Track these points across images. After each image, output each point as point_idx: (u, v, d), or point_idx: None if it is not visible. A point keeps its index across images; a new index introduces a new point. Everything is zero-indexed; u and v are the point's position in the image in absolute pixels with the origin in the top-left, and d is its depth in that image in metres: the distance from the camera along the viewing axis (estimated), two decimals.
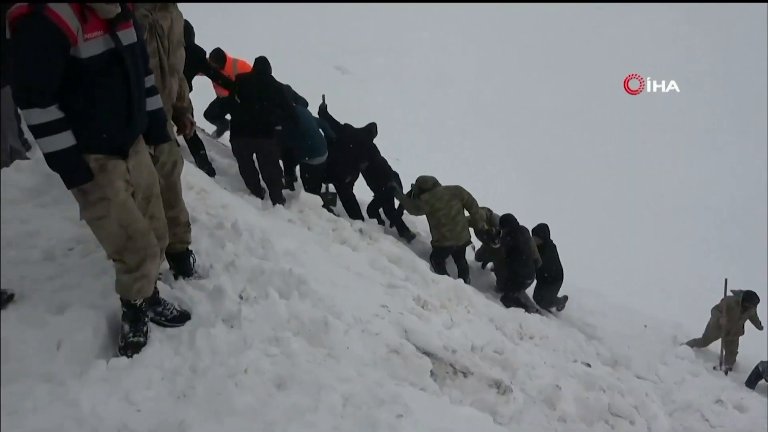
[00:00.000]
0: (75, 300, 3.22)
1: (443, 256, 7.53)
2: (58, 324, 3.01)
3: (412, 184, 7.74)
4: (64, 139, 2.48)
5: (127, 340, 2.93)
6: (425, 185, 7.53)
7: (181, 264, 3.67)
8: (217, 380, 2.80)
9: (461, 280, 6.50)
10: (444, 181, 7.67)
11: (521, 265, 7.65)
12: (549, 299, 8.25)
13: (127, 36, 2.58)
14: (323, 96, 7.71)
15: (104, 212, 2.68)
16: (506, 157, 19.05)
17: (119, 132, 2.66)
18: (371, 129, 7.75)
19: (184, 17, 3.42)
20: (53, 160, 2.50)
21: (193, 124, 3.73)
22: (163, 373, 2.82)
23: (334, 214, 6.96)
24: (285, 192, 6.72)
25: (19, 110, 2.43)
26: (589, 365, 5.66)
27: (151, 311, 3.09)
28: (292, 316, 3.42)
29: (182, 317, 3.22)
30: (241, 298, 3.48)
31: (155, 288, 3.11)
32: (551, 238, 8.31)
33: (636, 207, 16.82)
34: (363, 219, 7.50)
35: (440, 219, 7.32)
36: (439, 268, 7.29)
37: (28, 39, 2.33)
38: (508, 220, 7.91)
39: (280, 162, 6.95)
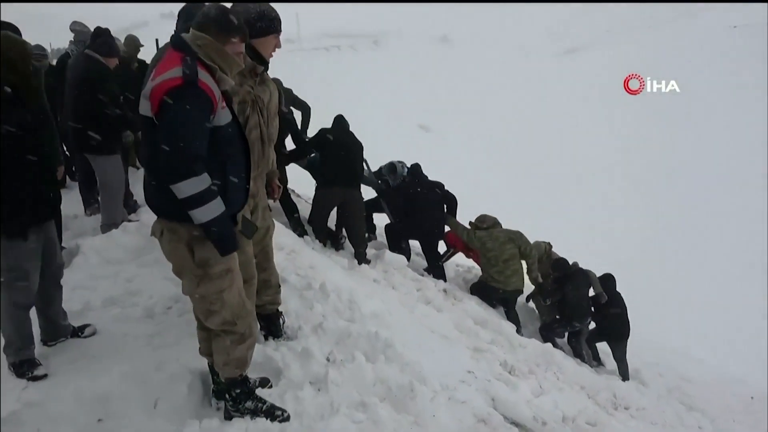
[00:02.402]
0: (172, 358, 3.36)
1: (488, 294, 7.39)
2: (157, 382, 3.15)
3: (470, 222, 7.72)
4: (220, 206, 2.47)
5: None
6: (482, 224, 7.52)
7: (272, 325, 3.76)
8: None
9: (550, 345, 6.27)
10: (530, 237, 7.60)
11: (568, 308, 7.46)
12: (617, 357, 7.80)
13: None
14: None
15: (228, 283, 2.68)
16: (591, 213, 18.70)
17: (239, 203, 2.73)
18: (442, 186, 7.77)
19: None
20: (211, 228, 2.47)
21: (280, 188, 3.80)
22: None
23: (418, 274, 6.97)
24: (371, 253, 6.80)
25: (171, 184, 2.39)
26: None
27: None
28: (378, 381, 3.40)
29: (263, 383, 3.26)
30: (328, 360, 3.51)
31: None
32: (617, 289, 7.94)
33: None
34: (446, 279, 7.45)
35: (490, 260, 7.24)
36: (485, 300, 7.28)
37: (186, 109, 2.38)
38: (559, 267, 7.68)
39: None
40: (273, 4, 3.20)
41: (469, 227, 7.63)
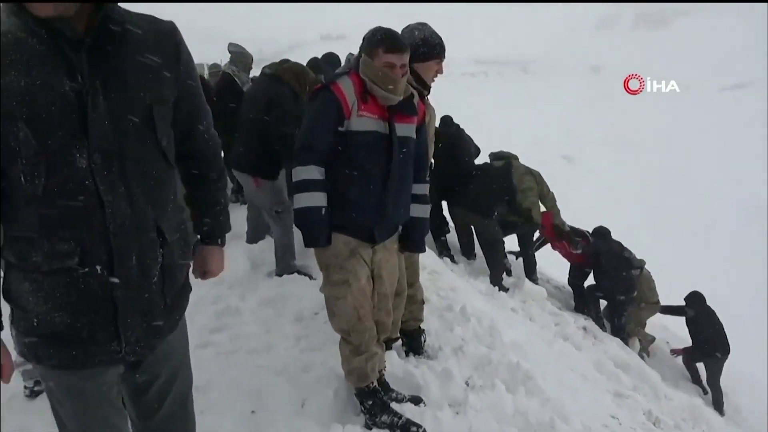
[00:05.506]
0: (318, 362, 3.51)
1: (507, 230, 7.08)
2: (304, 383, 3.30)
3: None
4: (316, 199, 2.63)
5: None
6: (504, 154, 7.30)
7: (413, 341, 3.79)
8: None
9: (699, 399, 5.81)
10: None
11: (606, 277, 7.27)
12: (712, 379, 7.10)
13: (405, 129, 2.79)
14: None
15: (343, 294, 2.80)
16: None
17: (368, 216, 2.76)
18: None
19: None
20: (300, 215, 2.65)
21: None
22: None
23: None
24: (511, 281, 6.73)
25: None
26: None
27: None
28: (517, 413, 3.32)
29: (414, 401, 3.24)
30: (467, 384, 3.48)
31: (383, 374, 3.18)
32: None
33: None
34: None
35: None
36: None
37: (314, 106, 2.73)
38: (599, 232, 7.54)
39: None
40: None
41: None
